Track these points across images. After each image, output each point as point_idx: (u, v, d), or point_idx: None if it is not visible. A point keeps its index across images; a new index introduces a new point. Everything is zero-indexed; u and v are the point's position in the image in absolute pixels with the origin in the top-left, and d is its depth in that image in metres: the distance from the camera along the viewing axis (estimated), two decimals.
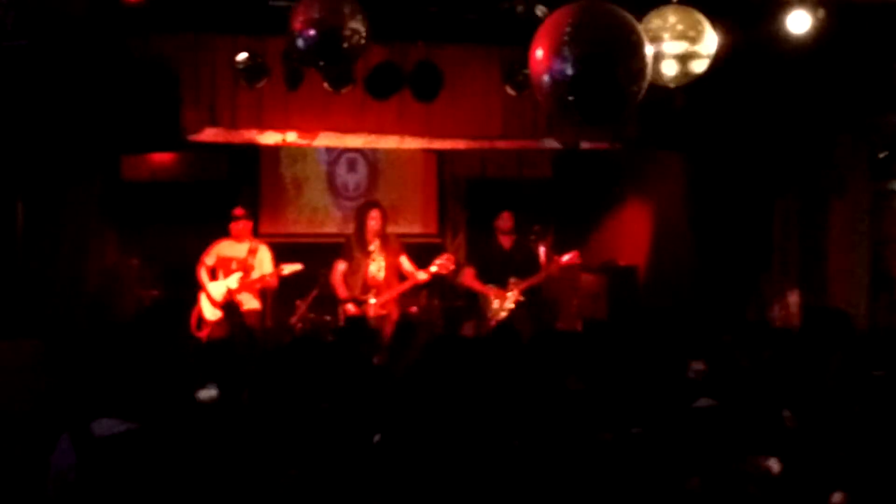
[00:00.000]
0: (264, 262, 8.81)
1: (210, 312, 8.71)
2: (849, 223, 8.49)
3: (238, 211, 8.87)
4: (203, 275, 8.76)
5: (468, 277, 8.80)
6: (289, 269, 8.77)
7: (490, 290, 8.63)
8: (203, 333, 8.63)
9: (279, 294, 9.31)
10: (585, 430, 3.67)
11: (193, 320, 8.73)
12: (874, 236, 8.51)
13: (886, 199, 8.59)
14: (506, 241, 8.79)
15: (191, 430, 3.69)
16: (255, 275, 8.73)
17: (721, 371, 5.51)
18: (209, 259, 8.79)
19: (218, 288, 8.71)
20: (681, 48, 5.69)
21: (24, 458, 3.93)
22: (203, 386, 4.57)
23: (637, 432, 3.66)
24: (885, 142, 8.34)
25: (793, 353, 5.66)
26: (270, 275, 8.74)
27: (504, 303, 8.59)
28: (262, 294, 9.01)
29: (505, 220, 8.78)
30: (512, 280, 8.62)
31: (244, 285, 8.71)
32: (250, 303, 8.80)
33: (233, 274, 8.71)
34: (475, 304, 8.77)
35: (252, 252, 8.76)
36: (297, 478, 3.39)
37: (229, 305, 8.65)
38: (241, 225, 8.84)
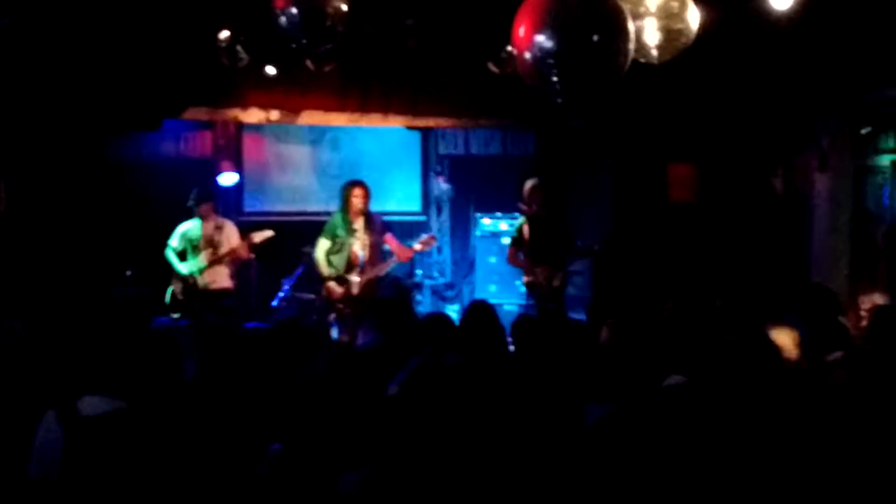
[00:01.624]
0: (231, 237, 8.85)
1: (180, 293, 8.78)
2: (831, 198, 8.54)
3: (199, 193, 8.87)
4: (171, 257, 8.81)
5: (516, 259, 8.87)
6: (259, 236, 8.75)
7: (538, 269, 8.65)
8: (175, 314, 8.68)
9: (264, 272, 9.30)
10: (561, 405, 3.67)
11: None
12: (856, 211, 8.56)
13: (869, 174, 8.64)
14: (542, 214, 8.78)
15: (177, 410, 3.69)
16: (223, 250, 8.75)
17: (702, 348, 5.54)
18: (175, 242, 8.84)
19: (188, 268, 8.74)
20: (663, 24, 5.68)
21: (6, 436, 3.92)
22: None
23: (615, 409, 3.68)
24: (867, 117, 8.38)
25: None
26: (240, 246, 8.76)
27: (555, 281, 8.63)
28: (235, 272, 9.03)
29: (536, 194, 8.78)
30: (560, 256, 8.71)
31: (215, 260, 8.73)
32: (221, 282, 8.83)
33: (201, 252, 8.73)
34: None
35: (218, 228, 8.82)
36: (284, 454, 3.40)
37: (192, 291, 8.71)
38: (203, 206, 8.84)
